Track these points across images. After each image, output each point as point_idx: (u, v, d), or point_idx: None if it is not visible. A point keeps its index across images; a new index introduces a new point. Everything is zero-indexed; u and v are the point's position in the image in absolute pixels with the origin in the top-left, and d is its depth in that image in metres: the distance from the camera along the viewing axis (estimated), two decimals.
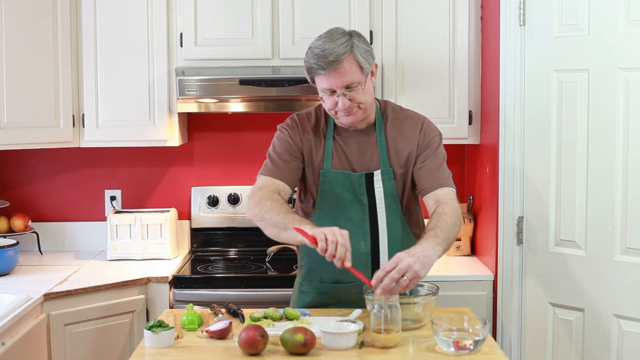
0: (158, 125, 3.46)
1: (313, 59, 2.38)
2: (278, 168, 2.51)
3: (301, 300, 2.62)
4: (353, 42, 2.38)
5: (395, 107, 2.62)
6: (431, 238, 2.25)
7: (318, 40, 2.41)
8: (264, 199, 2.41)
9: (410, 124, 2.56)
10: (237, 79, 3.33)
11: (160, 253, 3.54)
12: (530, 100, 3.04)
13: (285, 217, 2.32)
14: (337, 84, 2.37)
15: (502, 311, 3.16)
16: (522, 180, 3.08)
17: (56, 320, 2.93)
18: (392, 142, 2.53)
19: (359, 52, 2.39)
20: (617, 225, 2.79)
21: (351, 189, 2.50)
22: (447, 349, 2.14)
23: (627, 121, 2.75)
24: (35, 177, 3.83)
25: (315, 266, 2.57)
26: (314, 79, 2.43)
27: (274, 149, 2.55)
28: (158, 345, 2.19)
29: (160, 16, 3.43)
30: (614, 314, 2.83)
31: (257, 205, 2.41)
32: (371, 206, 2.50)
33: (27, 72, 3.31)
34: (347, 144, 2.53)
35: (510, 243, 3.12)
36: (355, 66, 2.38)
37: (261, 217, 2.39)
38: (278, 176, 2.50)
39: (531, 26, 3.02)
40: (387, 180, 2.51)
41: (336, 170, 2.51)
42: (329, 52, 2.35)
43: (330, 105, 2.43)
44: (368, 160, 2.52)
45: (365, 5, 3.41)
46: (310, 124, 2.56)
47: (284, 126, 2.58)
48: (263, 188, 2.46)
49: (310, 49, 2.41)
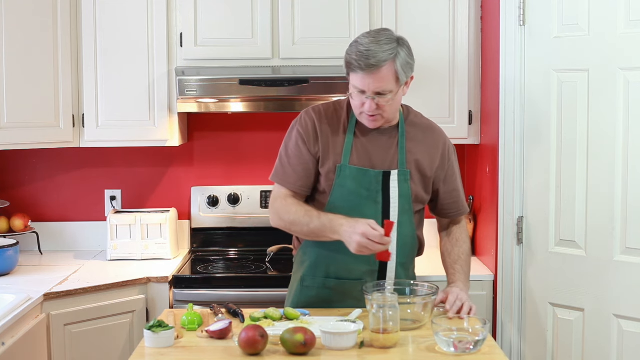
0: (158, 125, 3.46)
1: (355, 55, 2.37)
2: (291, 176, 2.53)
3: (303, 294, 2.60)
4: (398, 52, 2.37)
5: (417, 114, 2.63)
6: (462, 276, 2.60)
7: (366, 38, 2.40)
8: (287, 208, 2.48)
9: (434, 136, 2.60)
10: (237, 79, 3.33)
11: (160, 253, 3.54)
12: (530, 100, 3.04)
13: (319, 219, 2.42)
14: (370, 87, 2.37)
15: (502, 311, 3.16)
16: (522, 180, 3.08)
17: (56, 320, 2.93)
18: (414, 146, 2.54)
19: (400, 62, 2.38)
20: (617, 225, 2.79)
21: (367, 186, 2.50)
22: (447, 349, 2.14)
23: (627, 121, 2.75)
24: (35, 177, 3.83)
25: (322, 261, 2.56)
26: (350, 74, 2.42)
27: (286, 151, 2.56)
28: (158, 345, 2.19)
29: (160, 16, 3.43)
30: (614, 314, 2.83)
31: (284, 215, 2.49)
32: (385, 205, 2.51)
33: (27, 72, 3.31)
34: (370, 140, 2.52)
35: (510, 243, 3.12)
36: (392, 75, 2.37)
37: (290, 224, 2.48)
38: (291, 186, 2.53)
39: (531, 26, 3.02)
40: (404, 181, 2.51)
41: (354, 166, 2.50)
42: (372, 55, 2.34)
43: (357, 104, 2.44)
44: (390, 160, 2.52)
45: (365, 5, 3.41)
46: (329, 117, 2.55)
47: (298, 127, 2.56)
48: (278, 199, 2.52)
49: (355, 43, 2.40)
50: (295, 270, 2.69)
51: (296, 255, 2.69)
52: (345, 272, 2.52)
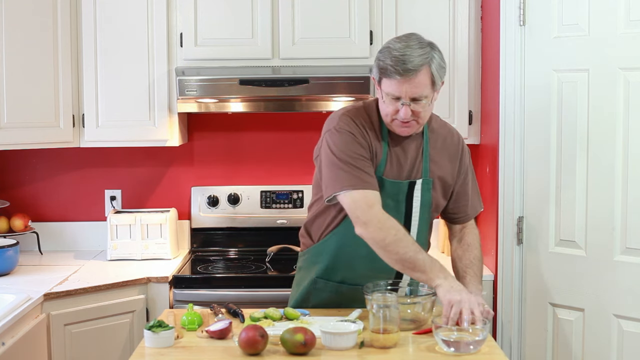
0: (158, 125, 3.46)
1: (390, 61, 2.29)
2: (368, 176, 2.36)
3: (315, 296, 2.56)
4: (433, 55, 2.32)
5: (436, 118, 2.58)
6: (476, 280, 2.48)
7: (398, 43, 2.33)
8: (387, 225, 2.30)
9: (452, 141, 2.56)
10: (237, 79, 3.33)
11: (160, 253, 3.54)
12: (530, 100, 3.04)
13: (416, 258, 2.28)
14: (407, 93, 2.31)
15: (502, 311, 3.16)
16: (522, 180, 3.08)
17: (56, 320, 2.93)
18: (436, 154, 2.51)
19: (435, 66, 2.32)
20: (617, 225, 2.79)
21: (395, 197, 2.45)
22: (447, 349, 2.14)
23: (627, 121, 2.75)
24: (35, 177, 3.83)
25: (340, 266, 2.52)
26: (382, 80, 2.34)
27: (344, 158, 2.36)
28: (158, 345, 2.19)
29: (160, 16, 3.43)
30: (614, 314, 2.83)
31: (381, 230, 2.30)
32: (407, 214, 2.47)
33: (27, 72, 3.31)
34: (403, 150, 2.46)
35: (510, 243, 3.12)
36: (429, 80, 2.32)
37: (385, 246, 2.30)
38: (373, 187, 2.35)
39: (531, 26, 3.02)
40: (426, 190, 2.48)
41: (386, 179, 2.43)
42: (409, 59, 2.28)
43: (390, 111, 2.36)
44: (416, 168, 2.48)
45: (365, 5, 3.41)
46: (364, 121, 2.44)
47: (344, 128, 2.39)
48: (374, 205, 2.32)
49: (387, 49, 2.33)
50: (306, 268, 2.61)
51: (306, 253, 2.62)
52: (362, 279, 2.44)
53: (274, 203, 3.74)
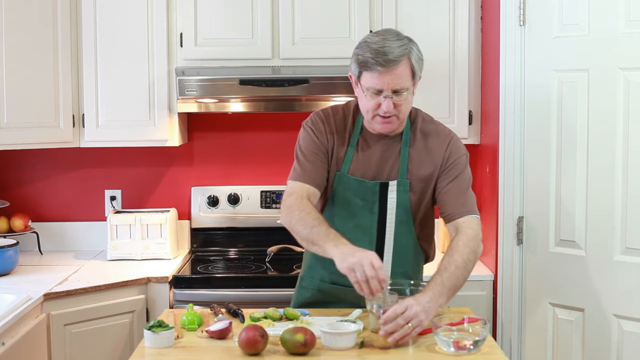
0: (158, 125, 3.46)
1: (370, 54, 2.31)
2: (305, 171, 2.47)
3: (301, 295, 2.61)
4: (411, 47, 2.35)
5: (426, 117, 2.56)
6: (437, 287, 2.24)
7: (375, 37, 2.36)
8: (293, 208, 2.39)
9: (438, 141, 2.51)
10: (237, 79, 3.33)
11: (160, 253, 3.54)
12: (530, 100, 3.04)
13: (312, 232, 2.31)
14: (389, 84, 2.32)
15: (502, 311, 3.16)
16: (522, 180, 3.08)
17: (56, 320, 2.93)
18: (416, 154, 2.48)
19: (414, 58, 2.35)
20: (617, 225, 2.79)
21: (363, 197, 2.48)
22: (447, 349, 2.14)
23: (627, 121, 2.75)
24: (35, 177, 3.83)
25: (316, 265, 2.56)
26: (362, 74, 2.35)
27: (300, 150, 2.51)
28: (158, 345, 2.19)
29: (160, 16, 3.43)
30: (614, 314, 2.83)
31: (288, 214, 2.40)
32: (381, 215, 2.48)
33: (27, 72, 3.31)
34: (371, 150, 2.48)
35: (510, 243, 3.12)
36: (409, 71, 2.34)
37: (291, 228, 2.40)
38: (306, 179, 2.46)
39: (531, 26, 3.02)
40: (403, 192, 2.47)
41: (351, 177, 2.47)
42: (389, 50, 2.30)
43: (371, 106, 2.37)
44: (388, 169, 2.48)
45: (365, 5, 3.41)
46: (337, 122, 2.51)
47: (309, 125, 2.52)
48: (292, 194, 2.43)
49: (365, 43, 2.34)
50: (301, 268, 2.69)
51: (304, 254, 2.69)
52: (339, 277, 2.40)
53: (274, 203, 3.74)
